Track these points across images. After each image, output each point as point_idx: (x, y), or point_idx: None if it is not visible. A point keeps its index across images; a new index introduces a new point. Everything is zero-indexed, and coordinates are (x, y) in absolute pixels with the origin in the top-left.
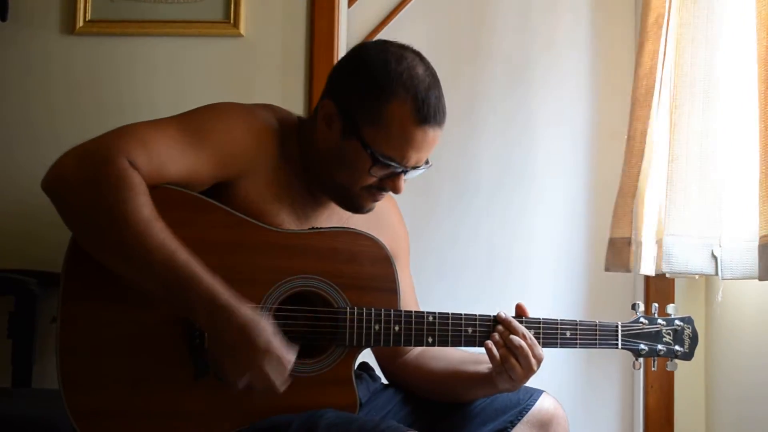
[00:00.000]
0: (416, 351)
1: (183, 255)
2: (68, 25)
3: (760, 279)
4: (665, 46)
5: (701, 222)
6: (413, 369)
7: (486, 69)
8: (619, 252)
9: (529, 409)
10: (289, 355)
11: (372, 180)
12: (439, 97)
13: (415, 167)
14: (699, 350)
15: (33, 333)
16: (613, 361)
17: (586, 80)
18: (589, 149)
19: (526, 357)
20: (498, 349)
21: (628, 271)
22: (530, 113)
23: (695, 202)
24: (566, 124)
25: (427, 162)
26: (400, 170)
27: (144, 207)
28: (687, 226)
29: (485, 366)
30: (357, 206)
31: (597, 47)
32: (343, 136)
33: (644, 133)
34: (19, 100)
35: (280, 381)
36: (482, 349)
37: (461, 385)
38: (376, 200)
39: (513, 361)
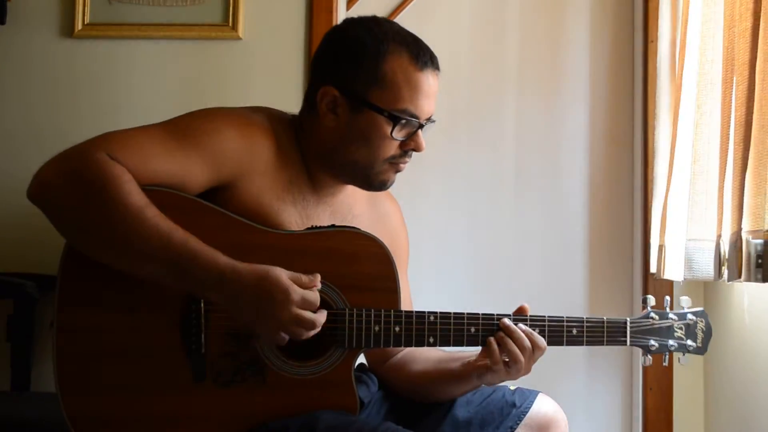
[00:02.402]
0: (400, 354)
1: (179, 234)
2: (67, 29)
3: (728, 279)
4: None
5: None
6: (396, 372)
7: (484, 70)
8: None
9: (527, 411)
10: (312, 288)
11: (394, 146)
12: (427, 46)
13: (428, 120)
14: None
15: (31, 336)
16: (613, 362)
17: (584, 80)
18: (588, 149)
19: (519, 363)
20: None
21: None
22: (529, 113)
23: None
24: (565, 123)
25: (430, 118)
26: (417, 125)
27: (130, 194)
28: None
29: (460, 363)
30: (381, 182)
31: (596, 47)
32: (353, 114)
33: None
34: (19, 104)
35: (315, 317)
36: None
37: (438, 382)
38: (399, 170)
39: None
